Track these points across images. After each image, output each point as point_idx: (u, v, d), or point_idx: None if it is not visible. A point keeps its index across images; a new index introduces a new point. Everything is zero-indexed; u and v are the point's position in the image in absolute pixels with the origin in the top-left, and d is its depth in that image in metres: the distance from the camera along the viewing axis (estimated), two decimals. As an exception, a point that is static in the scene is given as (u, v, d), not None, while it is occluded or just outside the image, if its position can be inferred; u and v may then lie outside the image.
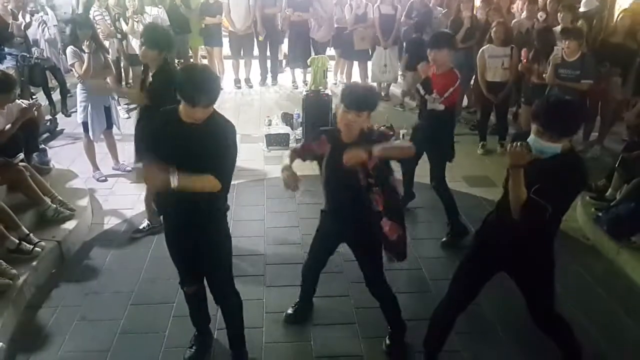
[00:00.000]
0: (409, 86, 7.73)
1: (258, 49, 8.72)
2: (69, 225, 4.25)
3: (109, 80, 5.33)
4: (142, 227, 4.40)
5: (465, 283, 2.80)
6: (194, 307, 3.07)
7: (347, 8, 8.02)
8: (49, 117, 6.73)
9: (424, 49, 4.30)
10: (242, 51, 8.61)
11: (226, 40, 8.67)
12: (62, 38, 7.43)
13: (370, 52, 8.18)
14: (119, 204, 4.88)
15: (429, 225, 4.63)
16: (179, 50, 7.59)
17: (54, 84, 7.48)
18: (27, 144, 4.61)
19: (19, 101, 4.52)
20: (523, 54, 5.84)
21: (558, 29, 6.01)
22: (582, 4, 6.68)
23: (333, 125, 2.95)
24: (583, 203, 4.69)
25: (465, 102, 7.52)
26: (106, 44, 6.19)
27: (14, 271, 3.51)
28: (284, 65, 9.30)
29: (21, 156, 4.42)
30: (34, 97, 6.31)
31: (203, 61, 8.90)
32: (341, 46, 8.36)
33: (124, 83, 8.33)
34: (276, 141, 6.28)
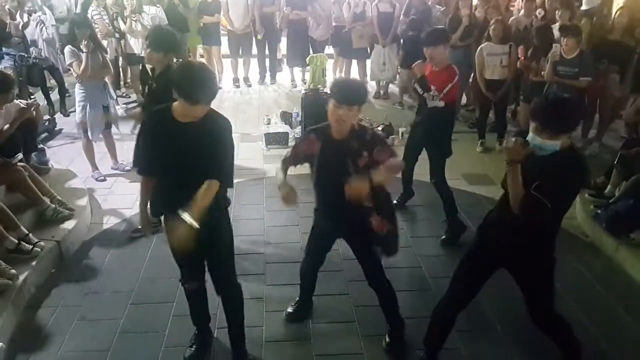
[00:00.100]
0: (404, 84, 7.75)
1: (257, 47, 8.71)
2: (68, 225, 4.25)
3: (107, 79, 5.33)
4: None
5: (466, 281, 2.80)
6: (194, 305, 3.06)
7: (346, 6, 8.01)
8: (47, 117, 6.72)
9: (420, 46, 4.30)
10: (240, 50, 8.60)
11: (225, 39, 8.66)
12: (60, 37, 7.43)
13: (369, 51, 8.17)
14: (118, 204, 4.88)
15: (428, 223, 4.63)
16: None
17: (52, 83, 7.48)
18: (26, 144, 4.60)
19: (17, 101, 4.50)
20: (520, 51, 5.84)
21: (556, 26, 6.01)
22: (584, 2, 6.67)
23: None
24: (582, 200, 4.69)
25: (464, 100, 7.52)
26: (104, 43, 6.18)
27: (13, 271, 3.50)
28: (282, 64, 9.30)
29: (20, 156, 4.42)
30: (32, 97, 6.30)
31: (201, 60, 8.90)
32: (340, 44, 8.35)
33: (122, 82, 8.35)
34: (275, 140, 6.29)
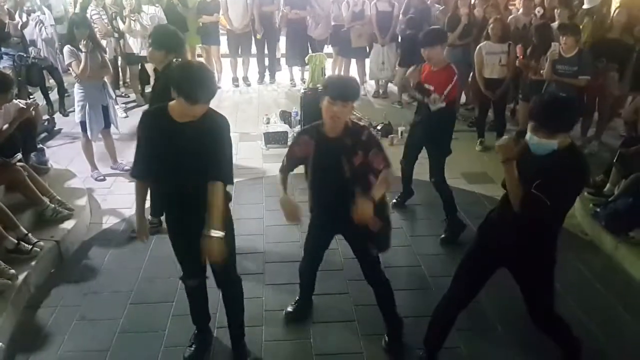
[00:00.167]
0: (401, 82, 7.74)
1: (256, 47, 8.71)
2: (68, 225, 4.25)
3: (106, 79, 5.32)
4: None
5: (467, 281, 2.80)
6: (194, 303, 3.06)
7: (344, 5, 8.00)
8: (46, 116, 6.72)
9: (418, 45, 4.28)
10: (240, 50, 8.59)
11: (224, 39, 8.65)
12: (59, 37, 7.42)
13: (368, 50, 8.17)
14: (118, 204, 4.87)
15: (427, 222, 4.63)
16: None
17: (51, 83, 7.48)
18: (25, 143, 4.60)
19: (16, 101, 4.50)
20: (519, 50, 5.83)
21: (555, 24, 6.01)
22: (586, 1, 6.65)
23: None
24: (581, 198, 4.68)
25: (463, 99, 7.52)
26: (103, 43, 6.18)
27: (12, 271, 3.50)
28: (282, 63, 9.29)
29: (19, 156, 4.42)
30: (31, 96, 6.30)
31: (199, 60, 8.88)
32: (339, 44, 8.34)
33: (121, 82, 8.34)
34: (274, 139, 6.29)
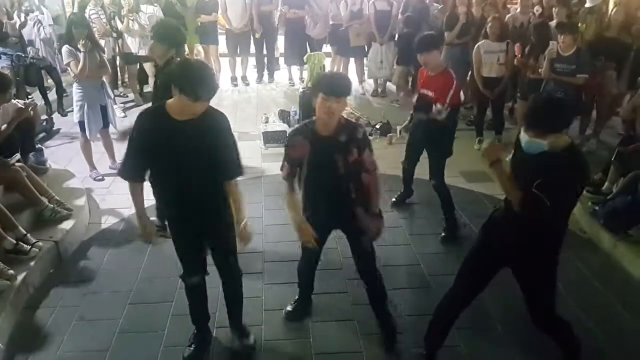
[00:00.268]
0: (398, 81, 7.74)
1: (254, 46, 8.71)
2: (67, 225, 4.24)
3: (104, 79, 5.31)
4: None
5: (470, 280, 2.80)
6: (194, 302, 3.07)
7: (343, 5, 8.00)
8: (45, 116, 6.71)
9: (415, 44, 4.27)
10: (238, 49, 8.59)
11: (222, 38, 8.65)
12: (57, 37, 7.41)
13: (366, 49, 8.17)
14: (116, 203, 4.86)
15: (427, 221, 4.63)
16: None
17: (49, 83, 7.46)
18: (24, 144, 4.60)
19: (14, 101, 4.50)
20: (516, 49, 5.83)
21: (553, 23, 6.01)
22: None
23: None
24: (580, 197, 4.69)
25: (461, 98, 7.50)
26: (102, 42, 6.17)
27: (11, 272, 3.50)
28: (280, 62, 9.29)
29: (17, 156, 4.41)
30: (29, 96, 6.30)
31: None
32: (337, 43, 8.34)
33: (119, 82, 8.33)
34: (273, 138, 6.29)
